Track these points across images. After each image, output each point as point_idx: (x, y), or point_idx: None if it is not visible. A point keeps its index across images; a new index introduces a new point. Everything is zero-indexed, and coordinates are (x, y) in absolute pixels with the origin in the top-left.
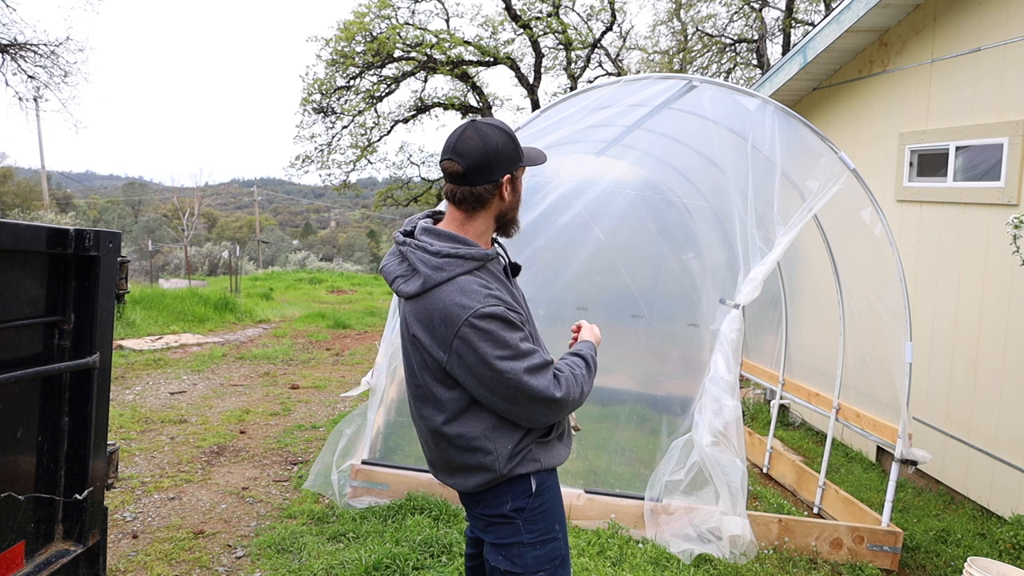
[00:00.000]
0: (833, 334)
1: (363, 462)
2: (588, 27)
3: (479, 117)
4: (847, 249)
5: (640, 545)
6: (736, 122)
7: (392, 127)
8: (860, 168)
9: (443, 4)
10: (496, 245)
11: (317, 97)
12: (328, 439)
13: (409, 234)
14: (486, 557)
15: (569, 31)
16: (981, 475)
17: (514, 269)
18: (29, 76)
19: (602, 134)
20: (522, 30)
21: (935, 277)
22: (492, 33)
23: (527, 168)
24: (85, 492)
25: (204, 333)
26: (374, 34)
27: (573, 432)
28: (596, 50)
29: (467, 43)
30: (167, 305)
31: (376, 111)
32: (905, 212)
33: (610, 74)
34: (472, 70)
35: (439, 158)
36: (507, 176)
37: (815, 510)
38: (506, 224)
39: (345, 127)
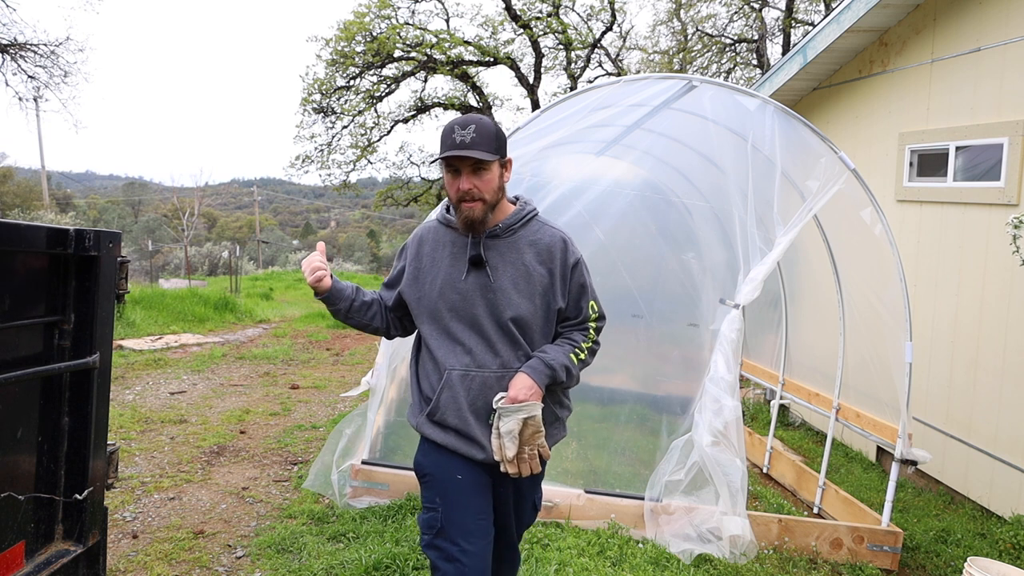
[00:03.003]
0: (833, 334)
1: (363, 462)
2: (588, 27)
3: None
4: (847, 249)
5: (640, 545)
6: (736, 122)
7: (392, 127)
8: (860, 168)
9: (443, 4)
10: (479, 237)
11: (317, 97)
12: (328, 439)
13: None
14: None
15: (569, 31)
16: (981, 475)
17: (474, 260)
18: (29, 76)
19: (602, 134)
20: (522, 30)
21: (935, 277)
22: (492, 33)
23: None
24: (85, 492)
25: (204, 333)
26: (374, 34)
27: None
28: (596, 50)
29: (467, 43)
30: (167, 305)
31: (376, 111)
32: (905, 212)
33: (610, 74)
34: (472, 70)
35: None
36: None
37: (815, 510)
38: (455, 211)
39: (345, 127)
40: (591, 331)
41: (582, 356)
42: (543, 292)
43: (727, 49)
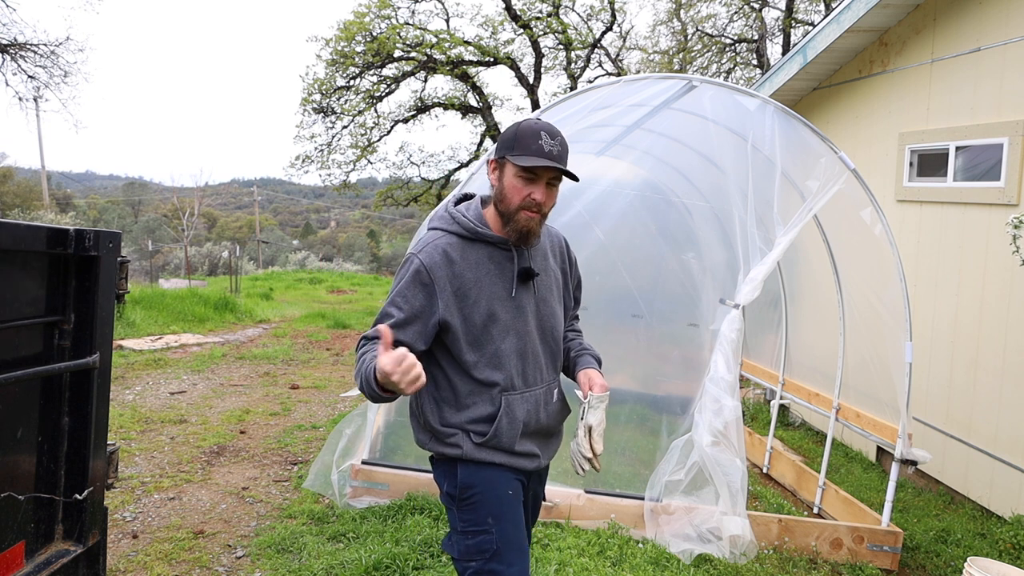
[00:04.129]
0: (833, 334)
1: (363, 462)
2: (588, 27)
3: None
4: (847, 249)
5: (640, 545)
6: (736, 122)
7: (392, 127)
8: (860, 168)
9: (443, 4)
10: (523, 248)
11: (317, 97)
12: (328, 439)
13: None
14: None
15: (569, 31)
16: (981, 475)
17: (524, 273)
18: (29, 76)
19: (602, 134)
20: (522, 30)
21: (935, 277)
22: (492, 33)
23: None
24: (85, 492)
25: (204, 333)
26: (374, 34)
27: (581, 470)
28: (596, 50)
29: (467, 43)
30: (167, 305)
31: (376, 111)
32: (905, 212)
33: (610, 74)
34: (472, 70)
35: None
36: (493, 159)
37: (815, 510)
38: (504, 217)
39: (345, 127)
40: (577, 320)
41: None
42: (564, 294)
43: (727, 49)
